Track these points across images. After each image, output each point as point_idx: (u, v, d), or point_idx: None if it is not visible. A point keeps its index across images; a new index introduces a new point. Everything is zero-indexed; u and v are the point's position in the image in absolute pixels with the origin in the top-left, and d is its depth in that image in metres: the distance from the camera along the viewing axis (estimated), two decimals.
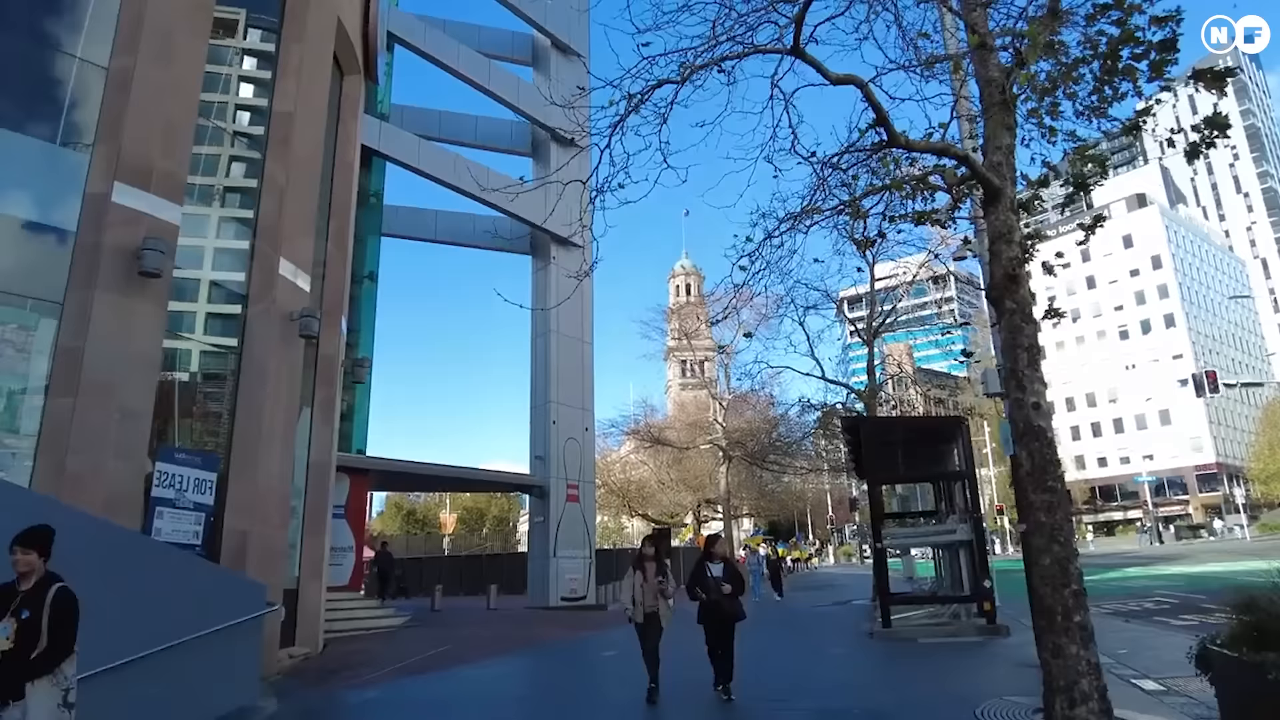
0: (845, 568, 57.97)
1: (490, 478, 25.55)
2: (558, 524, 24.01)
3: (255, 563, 10.44)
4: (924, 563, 33.96)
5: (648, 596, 7.86)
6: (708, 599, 7.79)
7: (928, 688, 8.08)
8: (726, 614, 7.74)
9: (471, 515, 75.72)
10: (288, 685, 9.75)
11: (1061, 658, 6.23)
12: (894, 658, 10.71)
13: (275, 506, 11.10)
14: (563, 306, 25.13)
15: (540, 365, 24.93)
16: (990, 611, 12.52)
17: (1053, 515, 6.50)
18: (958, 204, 9.08)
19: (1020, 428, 6.79)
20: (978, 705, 6.76)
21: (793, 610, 20.44)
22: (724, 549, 7.86)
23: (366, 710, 8.27)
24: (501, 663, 11.39)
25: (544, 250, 25.37)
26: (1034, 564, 6.54)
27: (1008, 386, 6.97)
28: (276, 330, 11.37)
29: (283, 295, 11.59)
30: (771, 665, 10.44)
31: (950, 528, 14.04)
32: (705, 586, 7.82)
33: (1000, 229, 7.34)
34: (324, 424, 13.51)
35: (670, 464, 49.95)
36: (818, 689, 8.23)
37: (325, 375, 13.67)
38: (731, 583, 7.81)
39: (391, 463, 20.63)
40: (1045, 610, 6.39)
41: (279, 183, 11.91)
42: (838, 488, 66.57)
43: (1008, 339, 7.02)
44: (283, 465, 11.36)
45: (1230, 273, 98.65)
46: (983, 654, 10.68)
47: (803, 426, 31.84)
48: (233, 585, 8.61)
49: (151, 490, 9.53)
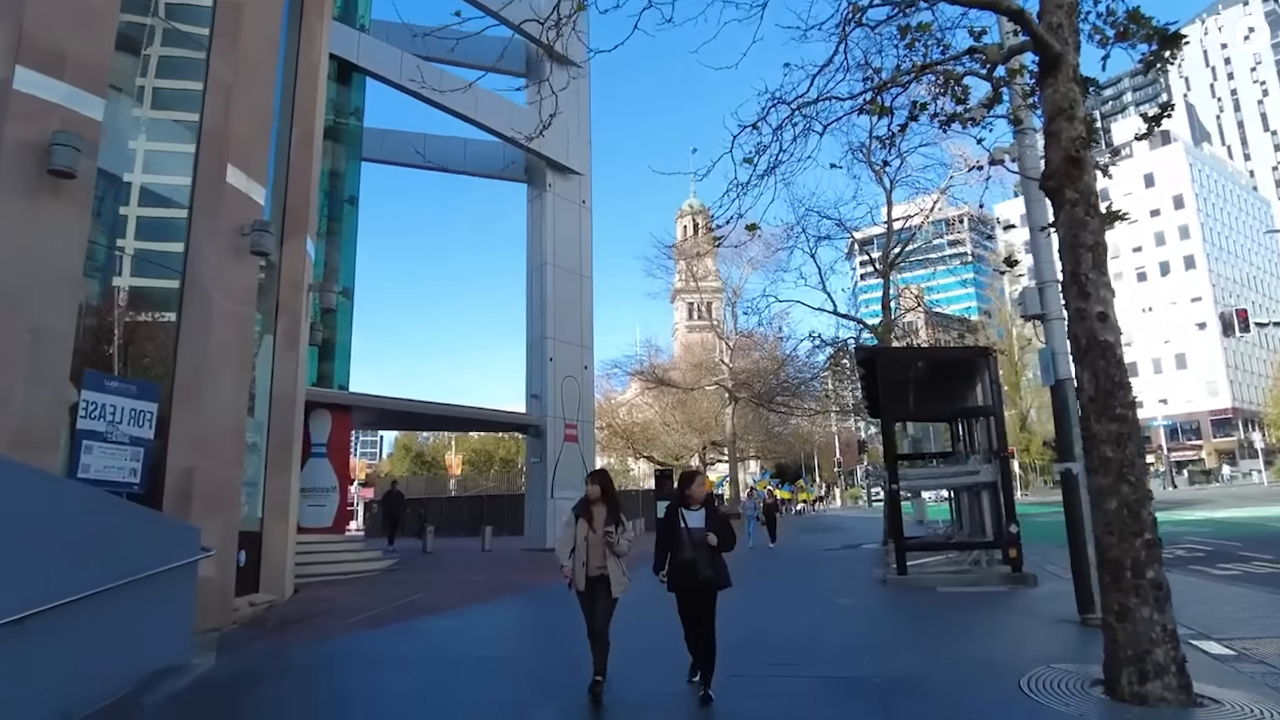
0: (853, 510, 57.47)
1: (484, 416, 24.49)
2: (555, 465, 23.08)
3: (203, 503, 9.40)
4: (935, 505, 33.15)
5: (593, 554, 5.76)
6: (680, 559, 5.57)
7: (956, 649, 6.99)
8: (704, 579, 5.53)
9: (480, 457, 75.63)
10: (237, 638, 8.79)
11: (1130, 622, 5.09)
12: (912, 610, 9.67)
13: (227, 441, 10.00)
14: (560, 239, 23.81)
15: (536, 300, 23.66)
16: (1016, 559, 11.47)
17: (1121, 449, 5.29)
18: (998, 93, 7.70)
19: (1082, 344, 5.53)
20: (1022, 674, 5.65)
21: (798, 555, 19.52)
22: (704, 489, 5.79)
23: (306, 669, 7.26)
24: (475, 613, 10.42)
25: (540, 177, 23.84)
26: (1098, 508, 5.36)
27: (1067, 294, 5.68)
28: (225, 245, 10.11)
29: (231, 206, 10.29)
30: (774, 620, 9.40)
31: (973, 468, 12.91)
32: (677, 541, 5.62)
33: (1060, 103, 5.97)
34: (288, 353, 12.34)
35: (675, 406, 49.08)
36: (827, 650, 7.16)
37: (289, 300, 12.45)
38: (718, 534, 5.59)
39: (376, 399, 19.53)
40: (1110, 564, 5.23)
41: (225, 81, 10.50)
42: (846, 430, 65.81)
43: (1067, 236, 5.71)
44: (235, 396, 10.23)
45: (1254, 213, 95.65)
46: (1012, 606, 9.62)
47: (811, 367, 30.65)
48: (158, 529, 7.54)
49: (77, 423, 8.42)
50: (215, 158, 10.25)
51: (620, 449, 56.35)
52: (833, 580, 13.46)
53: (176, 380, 9.63)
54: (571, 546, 5.84)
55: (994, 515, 12.70)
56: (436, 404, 21.90)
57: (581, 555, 5.77)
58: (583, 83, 25.21)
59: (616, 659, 5.77)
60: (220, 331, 10.01)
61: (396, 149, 23.16)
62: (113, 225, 9.78)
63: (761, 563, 17.42)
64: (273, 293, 12.38)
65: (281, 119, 12.96)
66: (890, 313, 21.20)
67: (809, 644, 7.42)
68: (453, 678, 6.66)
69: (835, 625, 8.58)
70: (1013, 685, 5.44)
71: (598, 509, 5.89)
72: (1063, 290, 5.77)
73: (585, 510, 5.92)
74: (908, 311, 23.78)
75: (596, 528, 5.80)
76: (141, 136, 10.46)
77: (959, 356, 14.38)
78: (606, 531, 5.78)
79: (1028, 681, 5.50)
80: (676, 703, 5.54)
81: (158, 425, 9.29)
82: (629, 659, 6.28)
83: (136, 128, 10.33)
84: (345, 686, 6.60)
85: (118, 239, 9.92)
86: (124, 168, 9.89)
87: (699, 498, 5.76)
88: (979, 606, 9.62)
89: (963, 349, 19.97)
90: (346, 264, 19.15)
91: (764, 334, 38.98)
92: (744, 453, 53.01)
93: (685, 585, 5.62)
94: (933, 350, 20.05)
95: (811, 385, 33.54)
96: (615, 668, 5.74)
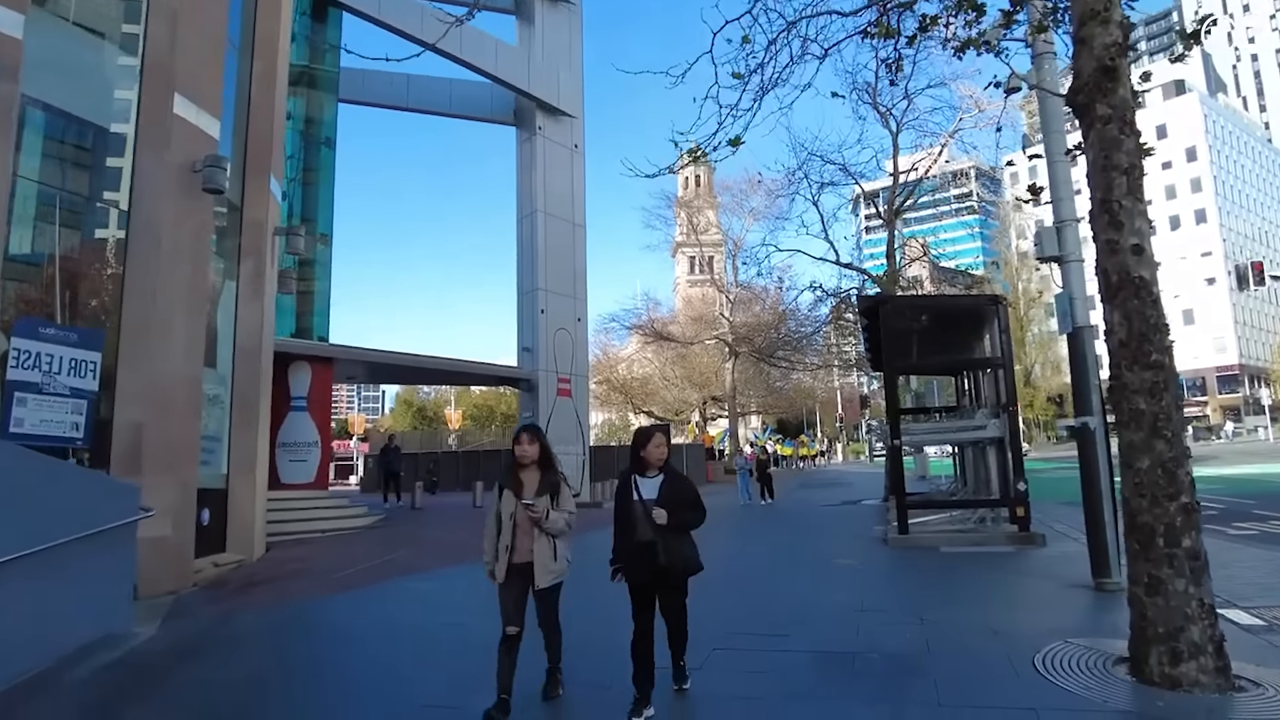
0: (854, 465, 57.22)
1: (473, 370, 23.81)
2: (548, 420, 22.47)
3: (156, 460, 8.78)
4: (937, 461, 32.66)
5: (522, 536, 4.34)
6: (632, 541, 4.29)
7: (963, 617, 6.36)
8: (661, 567, 4.21)
9: (481, 412, 75.56)
10: (191, 602, 8.25)
11: (1161, 595, 4.44)
12: (915, 572, 9.09)
13: (181, 393, 9.33)
14: (551, 185, 22.86)
15: (527, 249, 22.78)
16: (1024, 518, 10.87)
17: (1157, 400, 4.59)
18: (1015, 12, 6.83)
19: (1113, 280, 4.79)
20: (1036, 650, 5.04)
21: (795, 512, 19.02)
22: (661, 451, 4.46)
23: (255, 639, 6.69)
24: (450, 575, 9.83)
25: (530, 120, 22.75)
26: (1128, 466, 4.66)
27: (1096, 224, 4.91)
28: (173, 180, 9.31)
29: (181, 138, 9.46)
30: (766, 582, 8.82)
31: (979, 423, 12.24)
32: (629, 518, 4.34)
33: (1092, 3, 5.12)
34: (252, 300, 11.61)
35: (675, 361, 48.51)
36: (823, 618, 6.55)
37: (253, 244, 11.68)
38: (676, 508, 4.28)
39: (357, 351, 18.82)
40: (1141, 530, 4.57)
41: (170, 3, 9.61)
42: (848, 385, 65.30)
43: (1098, 158, 4.91)
44: (190, 345, 9.52)
45: (1269, 166, 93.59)
46: (1020, 569, 9.02)
47: (813, 320, 29.91)
48: (89, 487, 6.92)
49: (7, 373, 7.75)
50: (161, 85, 9.40)
51: (619, 404, 55.98)
52: (831, 539, 12.91)
53: (123, 328, 8.92)
54: (497, 529, 4.39)
55: (1000, 472, 12.08)
56: (422, 357, 21.20)
57: (506, 538, 4.31)
58: (575, 18, 23.98)
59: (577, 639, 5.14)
60: (171, 275, 9.27)
61: (379, 90, 22.05)
62: (44, 158, 8.99)
63: (755, 520, 16.92)
64: (235, 236, 11.62)
65: (241, 52, 12.04)
66: (895, 262, 20.36)
67: (803, 610, 6.82)
68: (415, 653, 6.06)
69: (832, 589, 7.98)
70: (1027, 663, 4.82)
71: (528, 475, 4.45)
72: (1091, 221, 5.00)
73: (513, 478, 4.45)
74: (912, 262, 22.90)
75: (525, 494, 4.37)
76: (73, 59, 9.57)
77: (967, 305, 13.64)
78: (528, 506, 4.27)
79: (1043, 659, 4.88)
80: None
81: (104, 376, 8.64)
82: (598, 631, 5.64)
83: (67, 49, 9.43)
84: (291, 661, 6.02)
85: (50, 173, 9.12)
86: (56, 95, 9.03)
87: (656, 462, 4.41)
88: (985, 569, 9.04)
89: (972, 297, 19.19)
90: (324, 209, 18.26)
91: (765, 287, 38.17)
92: (745, 408, 52.62)
93: (639, 575, 4.27)
94: (940, 298, 19.26)
95: (813, 339, 32.84)
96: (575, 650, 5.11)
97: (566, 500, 4.49)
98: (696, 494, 4.42)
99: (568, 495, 4.52)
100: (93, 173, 9.70)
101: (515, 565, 4.33)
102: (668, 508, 4.24)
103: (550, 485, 4.45)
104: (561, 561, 4.43)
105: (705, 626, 6.13)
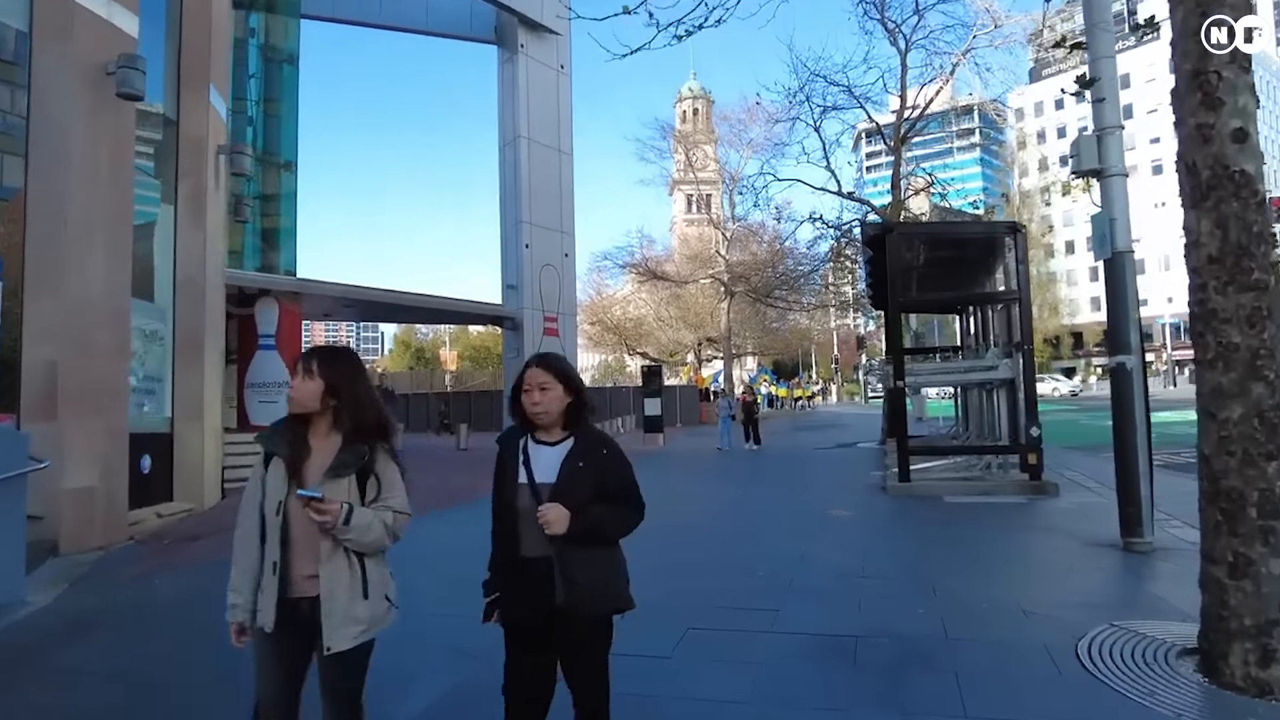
0: (849, 407, 56.69)
1: (454, 307, 22.68)
2: None
3: (74, 402, 7.81)
4: (935, 402, 31.88)
5: (299, 547, 2.36)
6: (510, 557, 2.48)
7: (981, 588, 5.46)
8: (565, 606, 2.38)
9: (479, 354, 74.59)
10: (116, 560, 7.39)
11: (1250, 579, 3.52)
12: (921, 527, 8.23)
13: (103, 330, 8.29)
14: (535, 109, 21.43)
15: (510, 179, 21.46)
16: (1036, 466, 10.03)
17: (1257, 332, 3.60)
18: None
19: (1204, 177, 3.75)
20: (1078, 636, 4.17)
21: (787, 456, 18.25)
22: (550, 401, 2.48)
23: (164, 613, 5.77)
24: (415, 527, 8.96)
25: (511, 38, 21.17)
26: (1211, 416, 3.71)
27: (1183, 105, 3.85)
28: (82, 84, 8.10)
29: (88, 34, 8.21)
30: (751, 540, 7.91)
31: (989, 363, 11.31)
32: (508, 513, 2.49)
33: None
34: (193, 226, 10.47)
35: (670, 301, 47.42)
36: (818, 586, 5.67)
37: (191, 163, 10.47)
38: (586, 503, 2.41)
39: (328, 286, 17.69)
40: (1227, 496, 3.62)
41: None
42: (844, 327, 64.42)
43: (1190, 17, 3.81)
44: (111, 274, 8.43)
45: None
46: (1037, 523, 8.19)
47: (812, 259, 28.75)
48: None
49: None
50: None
51: (613, 345, 55.07)
52: (825, 486, 12.09)
53: (28, 255, 7.84)
54: (259, 535, 2.39)
55: (1010, 416, 11.19)
56: (397, 292, 20.03)
57: (274, 552, 2.35)
58: None
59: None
60: (85, 195, 8.13)
61: (347, 5, 20.40)
62: None
63: (741, 466, 16.12)
64: (171, 156, 10.42)
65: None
66: (900, 191, 19.14)
67: (794, 577, 5.94)
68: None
69: (827, 548, 7.12)
70: (1069, 654, 3.96)
71: (320, 440, 2.44)
72: (1175, 102, 3.92)
73: (292, 441, 2.42)
74: (917, 193, 21.63)
75: (307, 484, 2.35)
76: None
77: (982, 233, 12.55)
78: (308, 500, 2.24)
79: (1088, 648, 4.01)
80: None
81: (5, 311, 7.62)
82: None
83: None
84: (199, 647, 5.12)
85: None
86: None
87: (544, 418, 2.51)
88: (998, 523, 8.19)
89: (986, 224, 18.04)
90: (288, 134, 16.90)
91: (762, 223, 36.86)
92: (740, 349, 51.70)
93: (522, 614, 2.46)
94: (951, 224, 18.13)
95: (811, 278, 31.71)
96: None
97: (392, 488, 2.44)
98: (629, 477, 2.54)
99: (394, 479, 2.46)
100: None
101: (289, 603, 2.34)
102: (572, 501, 2.36)
103: (357, 458, 2.38)
104: (378, 603, 2.43)
105: (680, 595, 5.30)
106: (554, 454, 2.49)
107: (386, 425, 2.51)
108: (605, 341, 54.17)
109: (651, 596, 5.31)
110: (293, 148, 16.87)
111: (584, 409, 2.56)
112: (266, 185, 16.50)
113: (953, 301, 15.10)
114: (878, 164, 57.39)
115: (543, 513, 2.33)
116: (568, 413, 2.53)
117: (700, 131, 55.00)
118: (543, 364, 2.53)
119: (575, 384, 2.55)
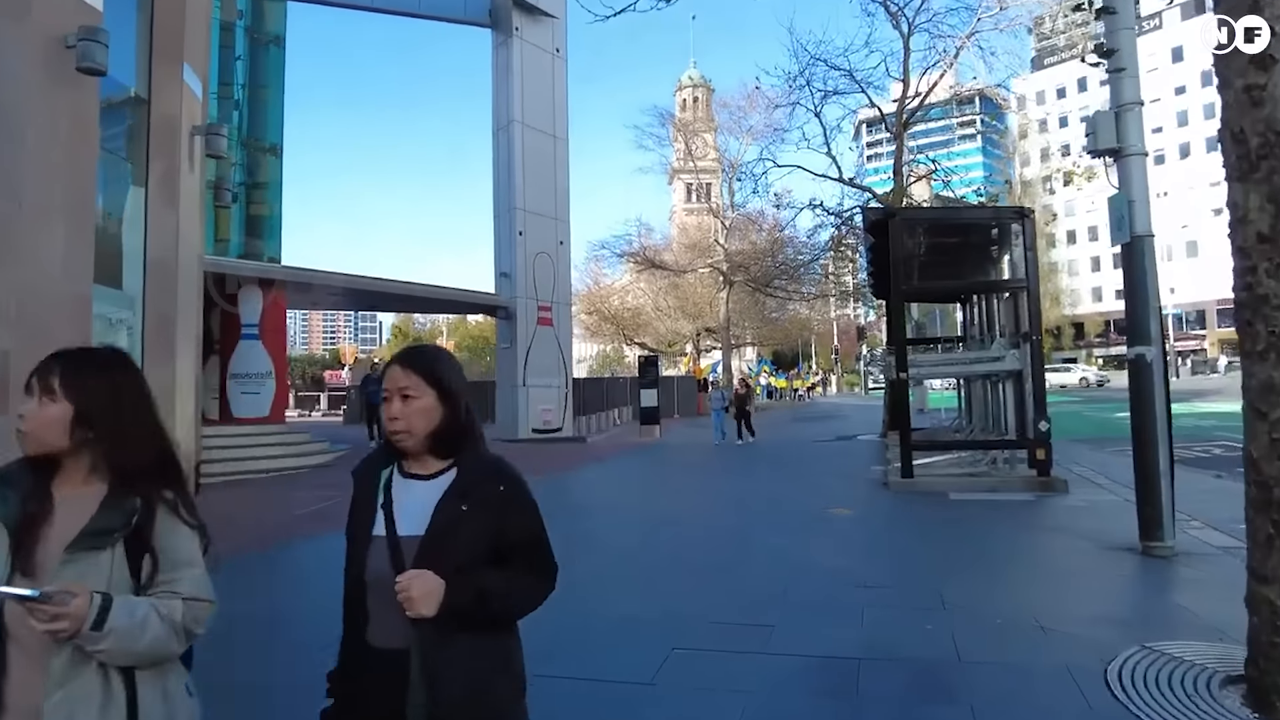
0: (849, 398, 56.30)
1: (445, 296, 22.23)
2: (527, 350, 21.10)
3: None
4: (936, 393, 31.47)
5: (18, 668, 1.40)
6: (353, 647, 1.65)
7: (994, 600, 5.02)
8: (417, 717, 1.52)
9: (477, 343, 73.96)
10: None
11: None
12: (927, 529, 7.83)
13: (63, 316, 7.82)
14: (530, 93, 20.90)
15: (503, 165, 20.95)
16: (1044, 461, 9.63)
17: None
18: None
19: (1254, 145, 3.31)
20: (1106, 659, 3.75)
21: (784, 449, 17.86)
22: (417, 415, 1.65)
23: None
24: None
25: (505, 20, 20.61)
26: (1262, 416, 3.28)
27: (1229, 67, 3.41)
28: (37, 56, 7.62)
29: (47, 7, 7.77)
30: (743, 541, 7.49)
31: (996, 354, 10.88)
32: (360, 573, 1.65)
33: None
34: (165, 209, 10.00)
35: (668, 290, 46.97)
36: (814, 596, 5.24)
37: (163, 143, 10.01)
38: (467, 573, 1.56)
39: (313, 274, 17.21)
40: (1277, 506, 3.20)
41: None
42: (844, 318, 64.01)
43: None
44: (71, 258, 7.98)
45: None
46: (1047, 524, 7.79)
47: (812, 248, 28.28)
48: None
49: None
50: None
51: (611, 335, 54.67)
52: (824, 482, 11.69)
53: None
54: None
55: (1018, 409, 10.77)
56: (387, 281, 19.54)
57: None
58: None
59: None
60: (42, 173, 7.68)
61: None
62: None
63: (737, 460, 15.70)
64: (143, 136, 9.96)
65: None
66: (902, 178, 18.68)
67: (790, 586, 5.52)
68: (288, 662, 4.71)
69: (825, 552, 6.70)
70: (1097, 681, 3.54)
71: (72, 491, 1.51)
72: (1218, 66, 3.49)
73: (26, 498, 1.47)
74: (919, 179, 21.16)
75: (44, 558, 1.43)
76: None
77: (989, 218, 12.10)
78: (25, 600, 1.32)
79: (1118, 674, 3.59)
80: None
81: None
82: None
83: None
84: None
85: None
86: None
87: (411, 439, 1.67)
88: (1008, 523, 7.78)
89: (994, 208, 17.57)
90: (274, 117, 16.42)
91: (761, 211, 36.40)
92: (739, 340, 51.29)
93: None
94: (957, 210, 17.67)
95: (811, 267, 31.26)
96: None
97: (179, 564, 1.54)
98: (536, 526, 1.72)
99: (183, 549, 1.55)
100: None
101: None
102: (448, 564, 1.57)
103: (124, 519, 1.48)
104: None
105: (663, 608, 4.89)
106: (427, 492, 1.66)
107: (172, 465, 1.62)
108: (603, 331, 53.77)
109: (634, 610, 4.92)
110: (279, 131, 16.40)
111: (465, 428, 1.71)
112: (252, 171, 16.04)
113: (957, 290, 14.69)
114: (879, 153, 56.91)
115: (402, 584, 1.51)
116: (443, 433, 1.68)
117: (700, 120, 54.46)
118: (406, 362, 1.72)
119: (450, 389, 1.69)
